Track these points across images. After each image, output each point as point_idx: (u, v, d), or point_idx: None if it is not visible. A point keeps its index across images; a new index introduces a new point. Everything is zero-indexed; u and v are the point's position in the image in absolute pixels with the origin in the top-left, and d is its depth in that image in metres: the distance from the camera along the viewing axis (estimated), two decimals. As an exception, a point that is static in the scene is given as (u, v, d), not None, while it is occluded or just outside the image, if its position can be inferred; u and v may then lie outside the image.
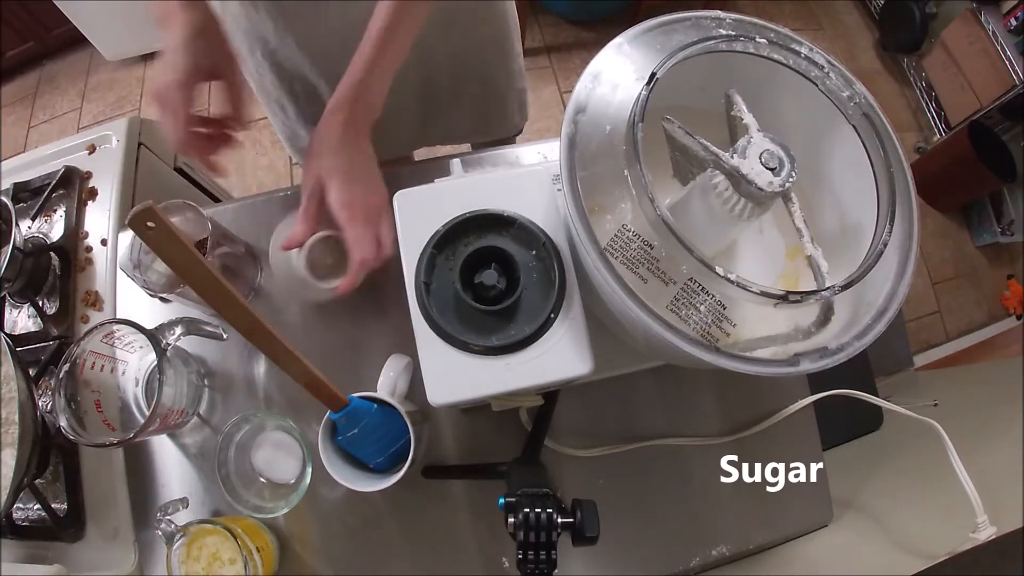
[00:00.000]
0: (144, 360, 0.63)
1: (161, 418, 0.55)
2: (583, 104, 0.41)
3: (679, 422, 0.65)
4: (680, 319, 0.38)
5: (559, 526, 0.42)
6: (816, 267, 0.38)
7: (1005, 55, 1.63)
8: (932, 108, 1.93)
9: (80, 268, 0.72)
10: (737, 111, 0.40)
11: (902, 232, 0.40)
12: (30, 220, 0.75)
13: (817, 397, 0.65)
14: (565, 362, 0.44)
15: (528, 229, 0.46)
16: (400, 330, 0.62)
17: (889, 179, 0.39)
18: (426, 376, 0.44)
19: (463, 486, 0.63)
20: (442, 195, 0.47)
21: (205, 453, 0.63)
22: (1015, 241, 1.80)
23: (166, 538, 0.54)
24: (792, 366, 0.37)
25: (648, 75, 0.38)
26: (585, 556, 0.62)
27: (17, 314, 0.72)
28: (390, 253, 0.51)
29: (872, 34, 2.11)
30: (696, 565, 0.62)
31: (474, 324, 0.44)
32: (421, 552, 0.62)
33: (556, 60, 1.92)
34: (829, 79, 0.42)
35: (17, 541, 0.64)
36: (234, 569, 0.53)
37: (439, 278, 0.45)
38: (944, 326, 1.77)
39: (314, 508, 0.61)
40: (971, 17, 1.73)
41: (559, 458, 0.63)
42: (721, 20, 0.44)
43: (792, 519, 0.65)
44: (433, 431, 0.63)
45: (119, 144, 0.80)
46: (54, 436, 0.64)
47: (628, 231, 0.39)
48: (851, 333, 0.38)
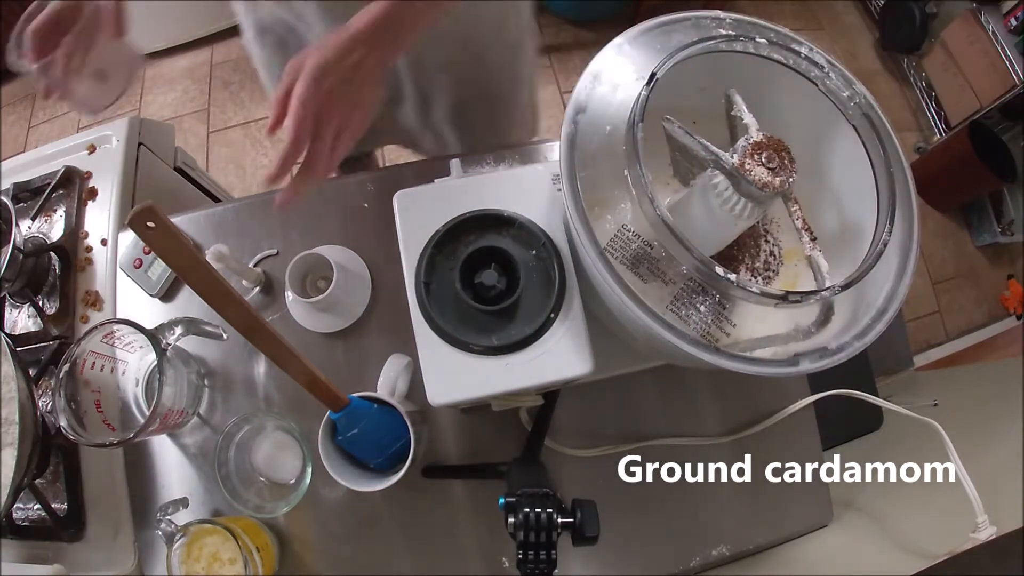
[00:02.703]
0: (144, 360, 0.63)
1: (161, 418, 0.55)
2: (583, 104, 0.41)
3: (679, 422, 0.65)
4: (680, 319, 0.38)
5: (559, 526, 0.42)
6: (816, 267, 0.38)
7: (1005, 55, 1.63)
8: (932, 108, 1.93)
9: (80, 268, 0.72)
10: (737, 111, 0.40)
11: (902, 232, 0.40)
12: (30, 220, 0.75)
13: (817, 397, 0.65)
14: (565, 362, 0.44)
15: (528, 229, 0.46)
16: (400, 330, 0.62)
17: (889, 179, 0.39)
18: (426, 376, 0.44)
19: (463, 486, 0.63)
20: (442, 195, 0.47)
21: (205, 453, 0.63)
22: (1015, 241, 1.79)
23: (166, 538, 0.54)
24: (792, 366, 0.37)
25: (648, 75, 0.38)
26: (585, 556, 0.62)
27: (17, 314, 0.72)
28: (327, 172, 0.45)
29: (872, 34, 2.11)
30: (696, 565, 0.62)
31: (474, 324, 0.44)
32: (421, 552, 0.62)
33: (556, 60, 1.92)
34: (829, 79, 0.42)
35: (17, 541, 0.64)
36: (234, 569, 0.53)
37: (439, 278, 0.45)
38: (944, 326, 1.77)
39: (314, 508, 0.61)
40: (971, 17, 1.73)
41: (559, 458, 0.63)
42: (721, 20, 0.44)
43: (792, 519, 0.65)
44: (433, 431, 0.63)
45: (119, 144, 0.79)
46: (54, 436, 0.64)
47: (628, 231, 0.39)
48: (851, 333, 0.38)
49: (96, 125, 0.84)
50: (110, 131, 0.81)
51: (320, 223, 0.69)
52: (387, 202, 0.48)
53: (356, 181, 0.71)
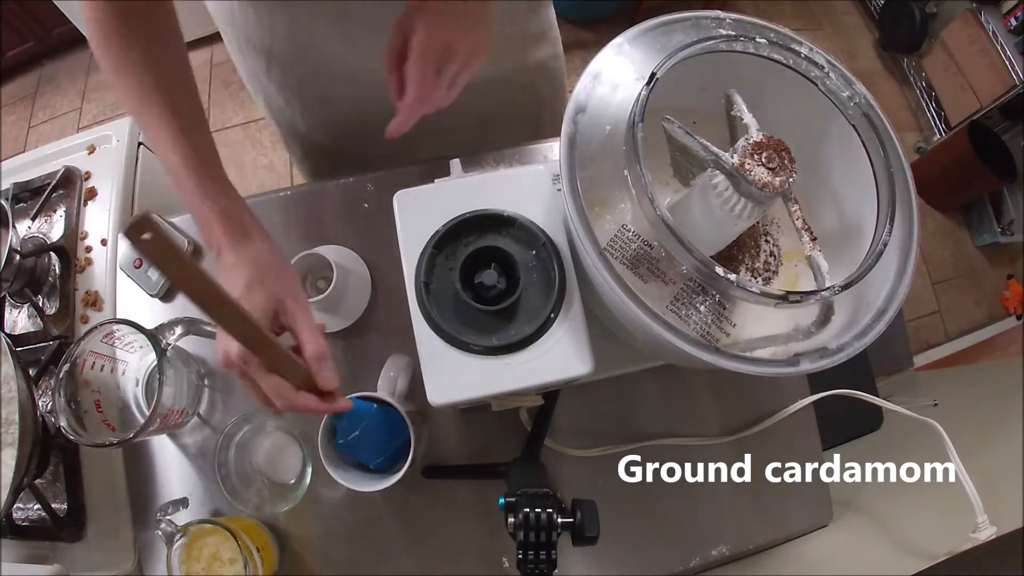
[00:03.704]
0: (144, 360, 0.63)
1: (161, 418, 0.55)
2: (583, 104, 0.41)
3: (679, 422, 0.65)
4: (680, 319, 0.38)
5: (559, 526, 0.42)
6: (816, 267, 0.38)
7: (1005, 55, 1.63)
8: (932, 108, 1.93)
9: (80, 268, 0.72)
10: (737, 111, 0.40)
11: (902, 232, 0.40)
12: (30, 220, 0.75)
13: (817, 397, 0.65)
14: (565, 362, 0.44)
15: (528, 229, 0.46)
16: (400, 330, 0.62)
17: (889, 179, 0.39)
18: (426, 376, 0.44)
19: (463, 486, 0.63)
20: (442, 195, 0.47)
21: (205, 453, 0.63)
22: (1015, 241, 1.79)
23: (166, 538, 0.54)
24: (792, 366, 0.37)
25: (648, 75, 0.38)
26: (585, 556, 0.62)
27: (17, 314, 0.72)
28: (449, 99, 0.48)
29: (872, 34, 2.11)
30: (696, 565, 0.62)
31: (474, 324, 0.44)
32: (421, 552, 0.62)
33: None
34: (829, 79, 0.42)
35: (17, 541, 0.64)
36: (234, 569, 0.53)
37: (439, 278, 0.45)
38: (944, 326, 1.77)
39: (314, 508, 0.61)
40: (971, 17, 1.73)
41: (559, 458, 0.63)
42: (721, 20, 0.44)
43: (792, 519, 0.65)
44: (433, 431, 0.63)
45: (119, 144, 0.79)
46: (54, 436, 0.64)
47: (628, 231, 0.39)
48: (851, 333, 0.38)
49: (96, 125, 0.84)
50: (110, 131, 0.81)
51: (320, 223, 0.69)
52: (387, 202, 0.48)
53: (356, 181, 0.71)
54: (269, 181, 1.79)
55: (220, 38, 0.68)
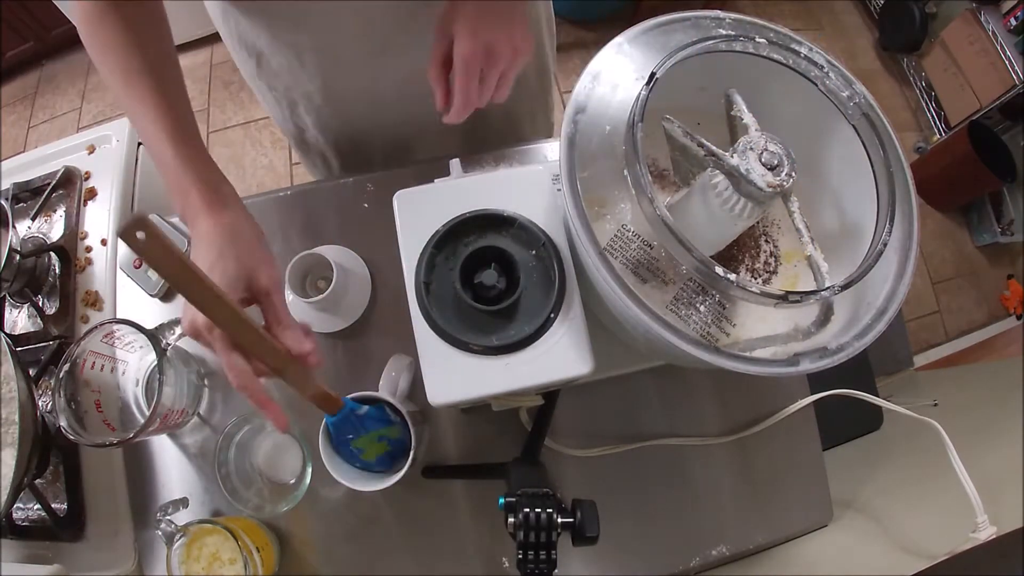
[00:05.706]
0: (144, 360, 0.63)
1: (161, 418, 0.55)
2: (583, 104, 0.41)
3: (679, 422, 0.65)
4: (680, 319, 0.38)
5: (559, 526, 0.42)
6: (816, 267, 0.38)
7: (1005, 55, 1.63)
8: (932, 108, 1.93)
9: (80, 268, 0.72)
10: (737, 111, 0.40)
11: (902, 232, 0.40)
12: (30, 220, 0.75)
13: (817, 397, 0.65)
14: (565, 362, 0.44)
15: (528, 229, 0.46)
16: (400, 330, 0.62)
17: (889, 179, 0.39)
18: (426, 376, 0.44)
19: (463, 486, 0.63)
20: (442, 195, 0.47)
21: (205, 453, 0.63)
22: (1015, 241, 1.79)
23: (166, 538, 0.54)
24: (792, 366, 0.37)
25: (648, 75, 0.38)
26: (585, 556, 0.62)
27: (17, 314, 0.72)
28: (501, 97, 0.50)
29: (872, 34, 2.11)
30: (696, 565, 0.62)
31: (474, 324, 0.44)
32: (421, 552, 0.62)
33: (556, 60, 1.92)
34: (829, 79, 0.42)
35: (17, 541, 0.64)
36: (234, 569, 0.53)
37: (439, 278, 0.45)
38: (944, 326, 1.77)
39: (314, 508, 0.61)
40: (971, 17, 1.73)
41: (559, 458, 0.63)
42: (721, 20, 0.44)
43: (792, 519, 0.65)
44: (433, 431, 0.63)
45: (119, 144, 0.79)
46: (54, 436, 0.64)
47: (628, 231, 0.39)
48: (851, 333, 0.38)
49: (96, 125, 0.84)
50: (110, 131, 0.81)
51: (320, 223, 0.69)
52: (387, 202, 0.48)
53: (356, 181, 0.71)
54: (269, 181, 1.79)
55: (220, 38, 0.69)
